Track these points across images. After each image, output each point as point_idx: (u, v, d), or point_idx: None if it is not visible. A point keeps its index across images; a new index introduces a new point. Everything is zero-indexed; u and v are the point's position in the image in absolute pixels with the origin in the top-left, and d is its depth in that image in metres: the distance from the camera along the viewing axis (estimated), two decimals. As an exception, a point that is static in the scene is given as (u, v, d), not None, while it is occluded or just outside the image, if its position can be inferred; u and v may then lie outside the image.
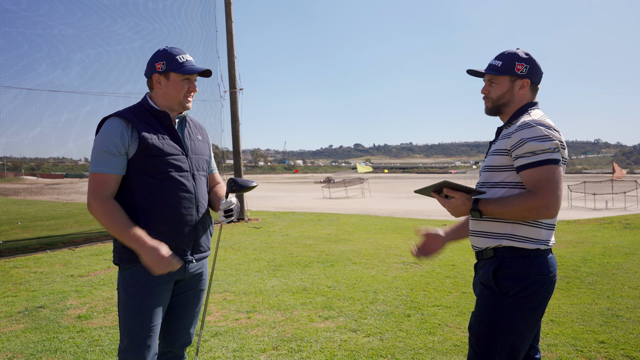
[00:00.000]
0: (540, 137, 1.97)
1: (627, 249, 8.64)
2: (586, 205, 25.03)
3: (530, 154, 1.97)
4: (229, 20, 14.02)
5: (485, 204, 2.04)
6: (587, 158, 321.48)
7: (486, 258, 2.14)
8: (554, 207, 1.95)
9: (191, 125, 2.54)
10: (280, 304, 5.24)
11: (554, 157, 1.96)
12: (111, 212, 2.20)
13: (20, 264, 7.70)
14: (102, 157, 2.24)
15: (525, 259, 2.03)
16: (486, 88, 2.25)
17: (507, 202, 2.00)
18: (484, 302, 2.10)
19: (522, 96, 2.20)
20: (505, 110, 2.22)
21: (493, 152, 2.16)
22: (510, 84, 2.19)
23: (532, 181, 1.97)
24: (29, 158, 14.97)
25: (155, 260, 2.12)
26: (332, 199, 31.35)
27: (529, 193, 1.98)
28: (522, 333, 2.04)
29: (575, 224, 14.12)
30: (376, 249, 9.01)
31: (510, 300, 2.01)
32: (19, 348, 4.00)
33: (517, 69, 2.16)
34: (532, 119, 2.04)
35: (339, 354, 3.83)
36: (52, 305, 5.27)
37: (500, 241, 2.07)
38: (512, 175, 2.06)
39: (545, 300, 2.07)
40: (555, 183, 1.94)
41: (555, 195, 1.93)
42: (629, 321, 4.53)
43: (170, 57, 2.34)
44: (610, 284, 5.99)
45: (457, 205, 2.08)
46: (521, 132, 2.00)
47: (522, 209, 1.96)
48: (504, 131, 2.18)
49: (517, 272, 2.02)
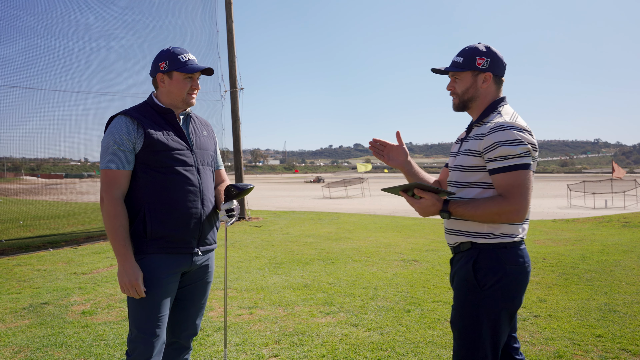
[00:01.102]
0: (512, 141, 1.99)
1: (625, 246, 8.71)
2: (586, 204, 25.12)
3: (501, 159, 1.99)
4: (229, 19, 14.08)
5: (456, 206, 2.08)
6: (587, 158, 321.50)
7: (463, 251, 2.17)
8: (523, 212, 2.00)
9: (196, 122, 2.61)
10: (282, 300, 5.30)
11: (524, 162, 1.99)
12: (117, 216, 2.29)
13: (24, 261, 7.76)
14: (111, 153, 2.32)
15: (502, 250, 2.08)
16: (451, 85, 2.28)
17: (478, 205, 2.03)
18: (464, 295, 2.14)
19: (486, 90, 2.21)
20: (472, 105, 2.24)
21: (465, 151, 2.17)
22: (473, 78, 2.20)
23: (504, 186, 2.00)
24: (29, 158, 15.05)
25: (126, 280, 2.25)
26: (332, 199, 31.44)
27: (499, 197, 2.01)
28: (502, 323, 2.08)
29: (574, 223, 14.18)
30: (376, 246, 9.08)
31: (489, 292, 2.05)
32: (25, 343, 4.07)
33: (478, 64, 2.18)
34: (504, 121, 2.05)
35: (340, 347, 3.90)
36: (56, 301, 5.33)
37: (478, 239, 2.10)
38: (486, 176, 2.09)
39: (522, 290, 2.12)
40: (525, 188, 1.98)
41: (525, 201, 1.98)
42: (626, 316, 4.59)
43: (173, 56, 2.42)
44: (608, 280, 6.05)
45: (426, 206, 2.11)
46: (494, 135, 2.01)
47: (492, 213, 2.00)
48: (475, 129, 2.19)
49: (493, 264, 2.06)
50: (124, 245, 2.27)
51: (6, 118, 10.19)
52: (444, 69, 2.26)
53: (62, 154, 16.01)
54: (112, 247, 2.30)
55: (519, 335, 4.13)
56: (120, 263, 2.28)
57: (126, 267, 2.25)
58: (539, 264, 7.11)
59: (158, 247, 2.34)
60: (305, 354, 3.78)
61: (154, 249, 2.33)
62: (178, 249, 2.38)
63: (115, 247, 2.29)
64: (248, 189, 2.50)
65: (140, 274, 2.27)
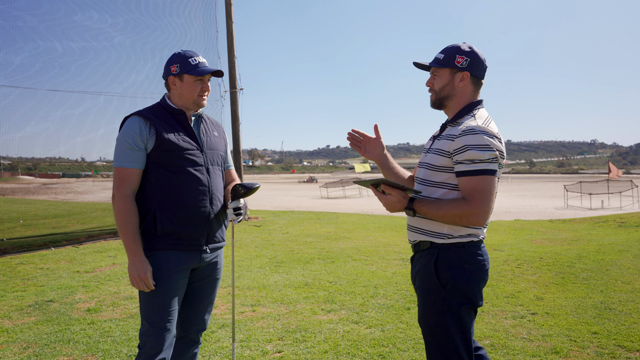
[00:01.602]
0: (481, 146, 2.02)
1: (621, 246, 8.82)
2: (582, 204, 25.26)
3: (469, 162, 2.03)
4: (229, 20, 14.16)
5: (420, 205, 2.12)
6: (583, 158, 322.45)
7: (423, 250, 2.22)
8: (483, 217, 2.05)
9: (207, 123, 2.69)
10: (284, 298, 5.39)
11: (490, 167, 2.02)
12: (127, 212, 2.37)
13: (26, 260, 7.83)
14: (124, 152, 2.41)
15: (460, 249, 2.14)
16: (430, 81, 2.30)
17: (441, 206, 2.08)
18: (428, 293, 2.18)
19: (463, 89, 2.23)
20: (448, 103, 2.26)
21: (435, 150, 2.20)
22: (451, 76, 2.22)
23: (468, 189, 2.05)
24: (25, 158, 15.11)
25: (135, 274, 2.33)
26: (330, 199, 31.52)
27: (462, 201, 2.06)
28: (467, 318, 2.14)
29: (571, 223, 14.31)
30: (375, 246, 9.17)
31: (451, 290, 2.11)
32: (33, 339, 4.14)
33: (457, 62, 2.20)
34: (477, 125, 2.07)
35: (342, 343, 3.99)
36: (61, 299, 5.41)
37: (437, 239, 2.16)
38: (452, 177, 2.13)
39: (481, 286, 2.18)
40: (488, 194, 2.03)
41: (486, 206, 2.03)
42: (621, 314, 4.69)
43: (184, 59, 2.49)
44: (604, 279, 6.15)
45: (392, 202, 2.16)
46: (465, 138, 2.05)
47: (454, 215, 2.06)
48: (448, 129, 2.21)
49: (453, 263, 2.12)
50: (133, 241, 2.35)
51: (3, 118, 10.26)
52: (425, 64, 2.30)
53: (59, 154, 16.03)
54: (122, 242, 2.39)
55: (517, 332, 4.23)
56: (130, 258, 2.36)
57: (135, 262, 2.33)
58: (536, 263, 7.22)
59: (168, 243, 2.42)
60: (309, 349, 3.87)
61: (164, 246, 2.41)
62: (187, 246, 2.46)
63: (125, 242, 2.37)
64: (255, 188, 2.58)
65: (149, 268, 2.35)
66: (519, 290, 5.66)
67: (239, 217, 2.58)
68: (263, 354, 3.80)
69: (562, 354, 3.73)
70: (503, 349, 3.83)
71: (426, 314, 2.18)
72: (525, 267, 6.97)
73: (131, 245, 2.35)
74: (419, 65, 2.33)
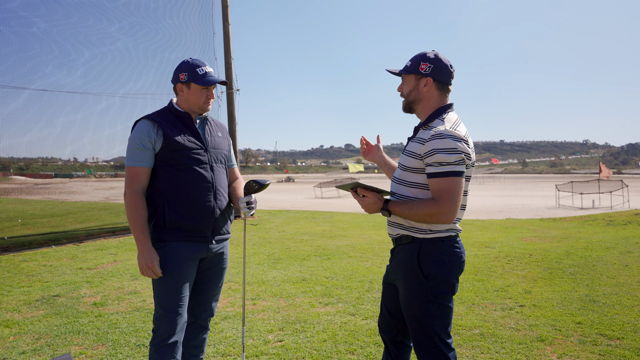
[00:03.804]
0: (448, 150, 2.18)
1: (608, 243, 9.09)
2: (573, 204, 25.61)
3: (437, 164, 2.20)
4: (225, 22, 14.34)
5: (394, 205, 2.30)
6: (575, 159, 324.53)
7: (405, 243, 2.37)
8: (451, 215, 2.22)
9: (212, 124, 2.90)
10: (283, 292, 5.59)
11: (457, 169, 2.20)
12: (136, 207, 2.58)
13: (29, 257, 7.98)
14: (134, 152, 2.62)
15: (440, 243, 2.31)
16: (400, 86, 2.47)
17: (413, 206, 2.25)
18: (410, 285, 2.33)
19: (427, 94, 2.37)
20: (417, 107, 2.42)
21: (408, 152, 2.37)
22: (416, 82, 2.38)
23: (436, 190, 2.22)
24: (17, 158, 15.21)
25: (143, 263, 2.54)
26: (324, 199, 31.71)
27: (431, 201, 2.23)
28: (447, 306, 2.35)
29: (561, 221, 14.60)
30: (370, 243, 9.39)
31: (433, 281, 2.30)
32: (44, 330, 4.33)
33: (421, 68, 2.34)
34: (445, 129, 2.23)
35: (340, 333, 4.20)
36: (67, 294, 5.59)
37: (417, 234, 2.34)
38: (424, 178, 2.30)
39: (458, 276, 2.39)
40: (455, 194, 2.20)
41: (453, 205, 2.21)
42: (605, 305, 4.94)
43: (192, 69, 2.70)
44: (590, 274, 6.41)
45: (369, 204, 2.33)
46: (433, 142, 2.21)
47: (424, 214, 2.23)
48: (420, 132, 2.36)
49: (434, 256, 2.32)
50: (142, 232, 2.56)
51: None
52: (394, 71, 2.49)
53: (50, 154, 16.14)
54: (132, 234, 2.60)
55: (505, 322, 4.46)
56: (138, 248, 2.57)
57: (143, 251, 2.54)
58: (525, 260, 7.47)
59: (176, 235, 2.63)
60: (308, 339, 4.08)
61: (173, 238, 2.63)
62: (194, 237, 2.67)
63: (134, 234, 2.58)
64: (266, 185, 2.81)
65: (156, 257, 2.55)
66: (508, 284, 5.90)
67: (251, 211, 2.79)
68: (265, 343, 4.00)
69: (547, 342, 3.96)
70: (492, 338, 4.06)
71: (410, 304, 2.35)
72: (515, 263, 7.22)
73: (140, 236, 2.56)
74: (390, 71, 2.52)
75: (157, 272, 2.54)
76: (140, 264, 2.56)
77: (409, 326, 2.40)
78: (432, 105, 2.39)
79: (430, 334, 2.31)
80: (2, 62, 10.13)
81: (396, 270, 2.45)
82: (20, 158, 15.64)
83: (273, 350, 3.84)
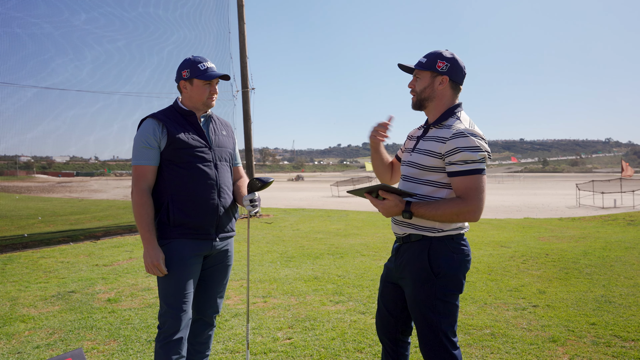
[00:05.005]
0: (472, 148, 2.19)
1: (628, 243, 8.91)
2: (594, 203, 25.15)
3: (462, 163, 2.19)
4: (241, 22, 14.41)
5: (417, 207, 2.25)
6: (598, 157, 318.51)
7: (413, 241, 2.35)
8: (479, 213, 2.22)
9: (216, 122, 2.92)
10: (294, 290, 5.61)
11: (481, 167, 2.20)
12: (143, 205, 2.61)
13: (47, 254, 8.14)
14: (140, 151, 2.65)
15: (449, 241, 2.31)
16: (412, 82, 2.44)
17: (439, 206, 2.21)
18: (420, 283, 2.31)
19: (442, 92, 2.36)
20: (428, 105, 2.40)
21: (423, 151, 2.34)
22: (431, 79, 2.36)
23: (462, 188, 2.20)
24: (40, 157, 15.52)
25: (149, 261, 2.57)
26: (340, 197, 31.69)
27: (458, 199, 2.21)
28: (455, 304, 2.34)
29: (580, 221, 14.35)
30: (384, 242, 9.36)
31: (443, 279, 2.29)
32: (58, 325, 4.41)
33: (438, 66, 2.33)
34: (465, 128, 2.24)
35: (349, 332, 4.19)
36: (82, 290, 5.68)
37: (429, 232, 2.32)
38: (444, 177, 2.28)
39: (465, 273, 2.37)
40: (482, 191, 2.19)
41: (481, 202, 2.20)
42: (621, 307, 4.84)
43: (193, 65, 2.73)
44: (607, 274, 6.29)
45: (390, 207, 2.28)
46: (456, 141, 2.21)
47: (452, 214, 2.20)
48: (434, 131, 2.35)
49: (445, 253, 2.30)
50: (148, 231, 2.59)
51: (19, 118, 10.59)
52: (409, 66, 2.45)
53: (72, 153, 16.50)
54: (139, 232, 2.63)
55: (517, 322, 4.40)
56: (145, 246, 2.60)
57: (149, 249, 2.57)
58: (541, 259, 7.36)
59: (180, 233, 2.65)
60: (317, 337, 4.08)
61: (177, 235, 2.65)
62: (198, 235, 2.69)
63: (141, 232, 2.61)
64: (269, 182, 2.81)
65: (161, 256, 2.58)
66: (523, 284, 5.83)
67: (255, 209, 2.80)
68: (274, 340, 4.02)
69: (559, 343, 3.90)
70: (503, 338, 4.01)
71: (419, 302, 2.33)
72: (531, 263, 7.12)
73: (146, 234, 2.58)
74: (404, 67, 2.49)
75: (162, 270, 2.57)
76: (146, 262, 2.59)
77: (415, 324, 2.39)
78: (444, 104, 2.38)
79: (437, 332, 2.30)
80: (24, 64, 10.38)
81: (402, 268, 2.42)
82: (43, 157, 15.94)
83: (281, 347, 3.86)
